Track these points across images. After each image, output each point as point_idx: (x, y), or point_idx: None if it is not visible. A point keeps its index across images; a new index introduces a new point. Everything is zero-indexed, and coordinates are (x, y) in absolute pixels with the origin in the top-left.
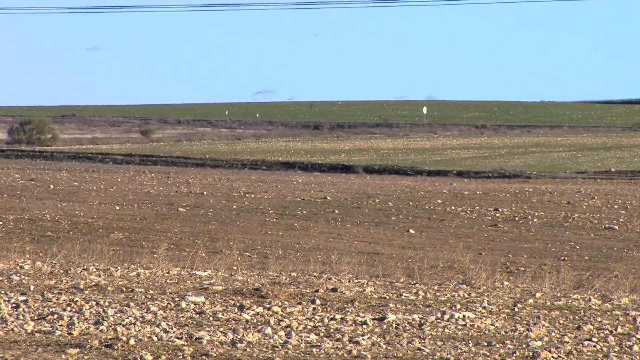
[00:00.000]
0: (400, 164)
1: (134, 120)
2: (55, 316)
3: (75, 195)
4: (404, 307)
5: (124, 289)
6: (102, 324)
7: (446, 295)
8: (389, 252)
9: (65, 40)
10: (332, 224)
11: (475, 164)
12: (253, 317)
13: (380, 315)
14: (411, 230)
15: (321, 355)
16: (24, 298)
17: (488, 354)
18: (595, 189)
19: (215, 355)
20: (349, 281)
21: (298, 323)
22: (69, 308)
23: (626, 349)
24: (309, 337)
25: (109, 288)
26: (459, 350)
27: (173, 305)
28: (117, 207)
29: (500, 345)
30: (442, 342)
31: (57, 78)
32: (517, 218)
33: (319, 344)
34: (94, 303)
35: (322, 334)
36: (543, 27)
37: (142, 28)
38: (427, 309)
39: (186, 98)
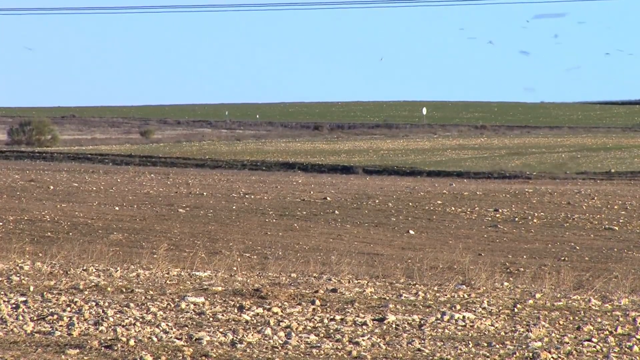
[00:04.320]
0: (400, 165)
1: (133, 121)
2: (55, 317)
3: (75, 196)
4: (403, 308)
5: (124, 290)
6: (102, 325)
7: (446, 296)
8: (388, 252)
9: (65, 40)
10: (332, 225)
11: (475, 164)
12: (253, 318)
13: (380, 316)
14: (411, 231)
15: (321, 356)
16: (23, 299)
17: (488, 354)
18: (595, 189)
19: (215, 355)
20: (349, 282)
21: (298, 324)
22: (68, 309)
23: (626, 349)
24: (308, 337)
25: (109, 289)
26: (458, 351)
27: (173, 305)
28: (117, 208)
29: (500, 345)
30: (442, 343)
31: (57, 79)
32: (517, 219)
33: (319, 344)
34: (94, 304)
35: (322, 335)
36: (543, 27)
37: (142, 28)
38: (427, 310)
39: (186, 99)
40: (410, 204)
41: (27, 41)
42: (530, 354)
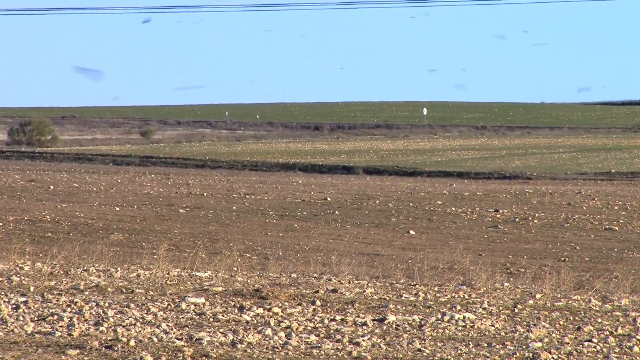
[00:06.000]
0: (400, 165)
1: (133, 122)
2: (55, 317)
3: (75, 196)
4: (404, 308)
5: (124, 290)
6: (102, 325)
7: (446, 296)
8: (389, 253)
9: (65, 40)
10: (332, 225)
11: (475, 165)
12: (253, 318)
13: (381, 316)
14: (411, 232)
15: (321, 356)
16: (24, 299)
17: (488, 355)
18: (595, 190)
19: (215, 356)
20: (349, 282)
21: (298, 324)
22: (69, 309)
23: (626, 349)
24: (309, 338)
25: (109, 289)
26: (459, 351)
27: (173, 306)
28: (117, 208)
29: (501, 346)
30: (442, 343)
31: (57, 79)
32: (517, 219)
33: (319, 345)
34: (94, 304)
35: (322, 335)
36: (543, 28)
37: (142, 29)
38: (427, 310)
39: (186, 99)
40: (411, 204)
41: (27, 41)
42: (531, 355)
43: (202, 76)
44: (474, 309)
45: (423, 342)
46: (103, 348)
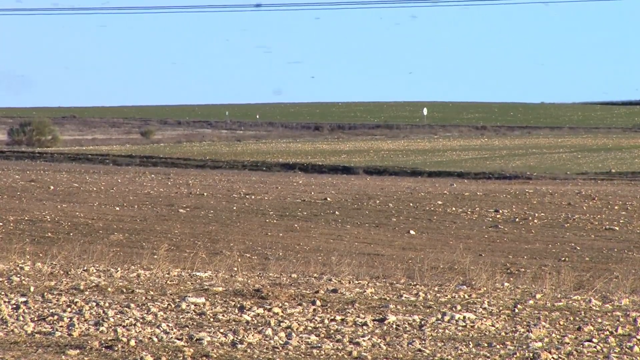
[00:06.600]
0: (400, 165)
1: (134, 122)
2: (56, 317)
3: (76, 196)
4: (404, 308)
5: (124, 290)
6: (103, 325)
7: (446, 296)
8: (389, 253)
9: (65, 40)
10: (333, 225)
11: (475, 165)
12: (253, 318)
13: (381, 316)
14: (411, 232)
15: (321, 356)
16: (24, 299)
17: (488, 355)
18: (595, 190)
19: (215, 356)
20: (350, 282)
21: (298, 324)
22: (69, 309)
23: (626, 349)
24: (309, 338)
25: (109, 289)
26: (459, 351)
27: (173, 306)
28: (117, 208)
29: (501, 346)
30: (442, 343)
31: (57, 79)
32: (517, 219)
33: (320, 345)
34: (94, 304)
35: (323, 335)
36: (543, 28)
37: (142, 28)
38: (428, 310)
39: (186, 99)
40: (411, 204)
41: (26, 41)
42: (531, 355)
43: (202, 75)
44: (474, 309)
45: (423, 342)
46: (103, 348)
